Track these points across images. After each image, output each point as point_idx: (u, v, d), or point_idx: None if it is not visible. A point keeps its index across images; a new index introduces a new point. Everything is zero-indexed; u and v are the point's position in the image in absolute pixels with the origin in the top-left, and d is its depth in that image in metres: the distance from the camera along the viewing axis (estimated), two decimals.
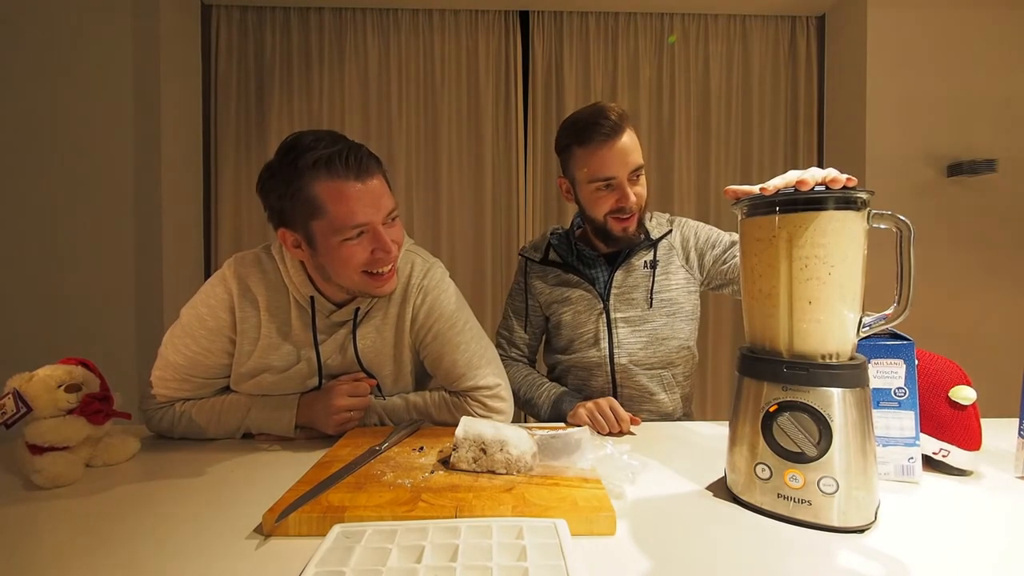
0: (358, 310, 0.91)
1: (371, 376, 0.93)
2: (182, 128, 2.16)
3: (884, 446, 0.68)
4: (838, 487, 0.55)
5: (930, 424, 0.72)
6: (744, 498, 0.62)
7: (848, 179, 0.56)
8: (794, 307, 0.59)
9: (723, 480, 0.68)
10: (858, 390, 0.57)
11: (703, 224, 1.20)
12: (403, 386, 0.98)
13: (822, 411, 0.56)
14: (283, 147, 0.79)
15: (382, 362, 0.94)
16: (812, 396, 0.57)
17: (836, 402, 0.56)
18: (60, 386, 0.73)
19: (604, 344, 1.12)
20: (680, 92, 2.43)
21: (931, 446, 0.72)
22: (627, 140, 1.03)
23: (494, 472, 0.67)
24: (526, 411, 1.16)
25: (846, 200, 0.57)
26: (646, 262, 1.14)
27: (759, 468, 0.60)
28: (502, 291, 2.37)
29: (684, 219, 1.21)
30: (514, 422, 0.92)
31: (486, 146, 2.38)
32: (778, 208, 0.59)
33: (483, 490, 0.62)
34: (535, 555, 0.48)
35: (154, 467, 0.78)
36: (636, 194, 1.05)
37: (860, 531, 0.56)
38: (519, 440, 0.69)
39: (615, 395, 1.13)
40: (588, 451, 0.70)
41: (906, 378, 0.68)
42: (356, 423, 0.90)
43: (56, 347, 1.91)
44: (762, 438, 0.59)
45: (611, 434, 0.93)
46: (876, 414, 0.68)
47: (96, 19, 1.94)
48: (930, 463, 0.73)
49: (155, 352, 0.90)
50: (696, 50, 2.44)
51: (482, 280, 2.40)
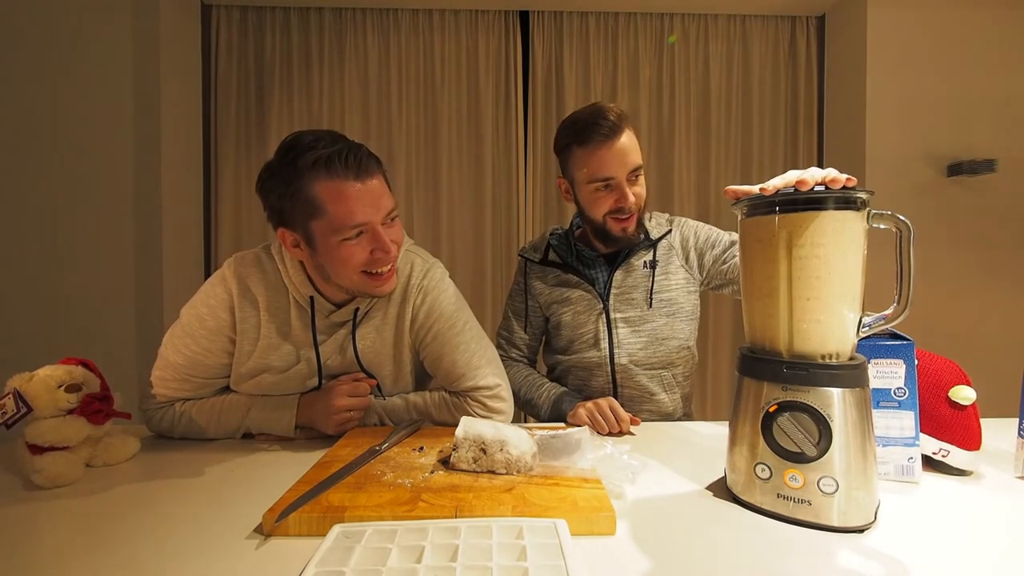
0: (357, 310, 0.91)
1: (371, 376, 0.93)
2: (182, 128, 2.16)
3: (884, 446, 0.68)
4: (838, 487, 0.55)
5: (930, 424, 0.72)
6: (744, 498, 0.62)
7: (848, 179, 0.56)
8: (794, 307, 0.59)
9: (723, 480, 0.68)
10: (858, 390, 0.57)
11: (702, 224, 1.20)
12: (403, 386, 0.98)
13: (822, 411, 0.56)
14: (283, 147, 0.79)
15: (382, 362, 0.94)
16: (812, 396, 0.57)
17: (836, 402, 0.56)
18: (60, 386, 0.73)
19: (604, 344, 1.12)
20: (680, 92, 2.43)
21: (931, 446, 0.72)
22: (626, 140, 1.03)
23: (494, 472, 0.67)
24: (526, 411, 1.16)
25: (846, 200, 0.57)
26: (645, 262, 1.14)
27: (759, 468, 0.60)
28: (502, 291, 2.37)
29: (683, 219, 1.21)
30: (514, 422, 0.92)
31: (486, 146, 2.38)
32: (778, 208, 0.59)
33: (483, 490, 0.62)
34: (535, 555, 0.48)
35: (154, 467, 0.78)
36: (635, 194, 1.05)
37: (860, 531, 0.56)
38: (519, 440, 0.69)
39: (615, 395, 1.13)
40: (588, 451, 0.70)
41: (906, 378, 0.68)
42: (356, 423, 0.90)
43: (56, 347, 1.91)
44: (762, 438, 0.59)
45: (611, 434, 0.93)
46: (876, 414, 0.68)
47: (96, 19, 1.94)
48: (930, 463, 0.73)
49: (155, 352, 0.90)
50: (696, 50, 2.44)
51: (482, 280, 2.40)
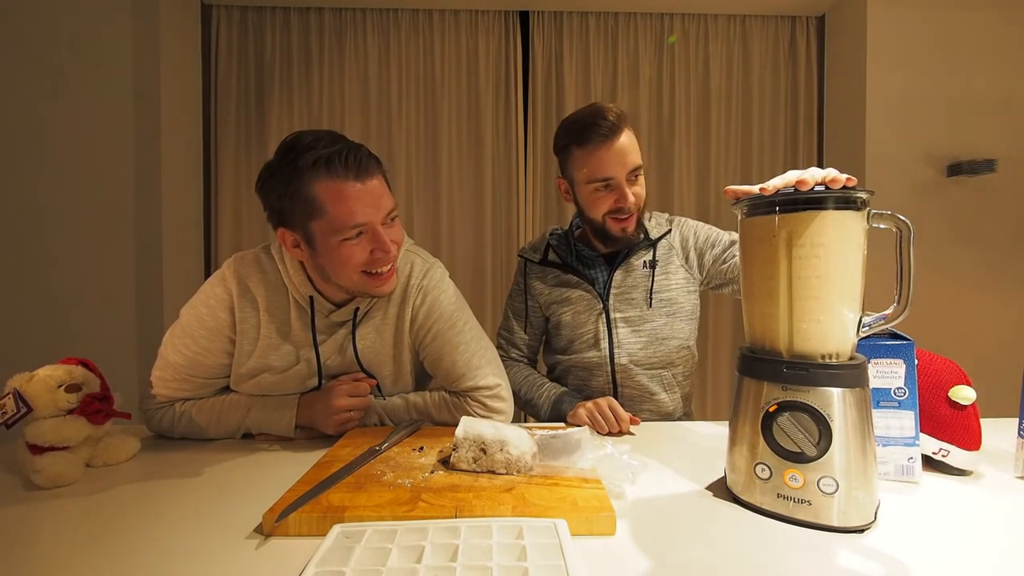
0: (357, 310, 0.91)
1: (371, 376, 0.93)
2: (182, 128, 2.16)
3: (884, 446, 0.68)
4: (838, 487, 0.55)
5: (930, 424, 0.72)
6: (744, 498, 0.62)
7: (848, 179, 0.56)
8: (794, 307, 0.59)
9: (723, 480, 0.68)
10: (858, 390, 0.57)
11: (702, 224, 1.20)
12: (403, 386, 0.98)
13: (822, 411, 0.56)
14: (283, 147, 0.79)
15: (382, 362, 0.94)
16: (812, 396, 0.57)
17: (836, 402, 0.56)
18: (60, 386, 0.73)
19: (604, 344, 1.12)
20: (680, 92, 2.43)
21: (931, 446, 0.72)
22: (625, 140, 1.03)
23: (494, 472, 0.67)
24: (526, 411, 1.16)
25: (846, 200, 0.57)
26: (645, 262, 1.14)
27: (759, 468, 0.60)
28: (502, 291, 2.37)
29: (683, 219, 1.21)
30: (514, 422, 0.92)
31: (486, 146, 2.38)
32: (778, 208, 0.59)
33: (483, 490, 0.62)
34: (535, 555, 0.47)
35: (154, 467, 0.78)
36: (635, 194, 1.05)
37: (860, 531, 0.56)
38: (519, 440, 0.69)
39: (615, 395, 1.13)
40: (588, 451, 0.70)
41: (906, 378, 0.68)
42: (356, 423, 0.90)
43: (56, 347, 1.91)
44: (762, 438, 0.59)
45: (611, 434, 0.93)
46: (876, 414, 0.68)
47: (96, 19, 1.94)
48: (930, 463, 0.73)
49: (155, 352, 0.90)
50: (696, 50, 2.44)
51: (482, 280, 2.40)
